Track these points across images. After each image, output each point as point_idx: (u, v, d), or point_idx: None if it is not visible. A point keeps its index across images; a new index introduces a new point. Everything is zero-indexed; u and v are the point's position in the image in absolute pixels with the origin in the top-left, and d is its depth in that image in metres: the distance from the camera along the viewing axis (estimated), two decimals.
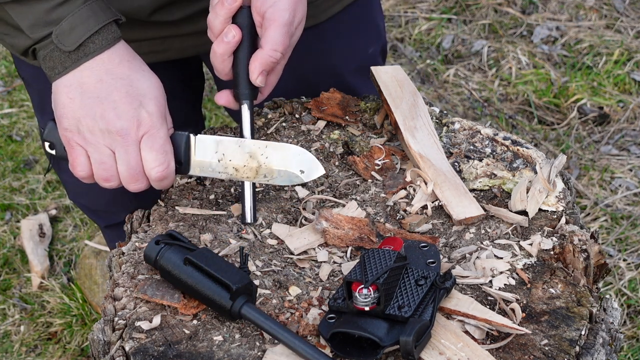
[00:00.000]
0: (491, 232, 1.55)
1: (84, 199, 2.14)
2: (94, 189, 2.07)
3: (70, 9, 1.48)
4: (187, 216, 1.57)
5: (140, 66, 1.54)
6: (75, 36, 1.49)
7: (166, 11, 1.73)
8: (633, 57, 3.61)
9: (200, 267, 1.38)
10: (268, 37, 1.51)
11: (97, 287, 2.81)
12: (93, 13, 1.49)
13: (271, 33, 1.51)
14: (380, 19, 2.02)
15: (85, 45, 1.50)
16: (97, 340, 1.39)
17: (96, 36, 1.50)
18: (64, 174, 2.09)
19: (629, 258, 2.87)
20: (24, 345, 2.75)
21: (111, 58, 1.51)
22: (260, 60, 1.52)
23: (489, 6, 3.93)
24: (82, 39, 1.49)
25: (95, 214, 2.19)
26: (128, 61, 1.52)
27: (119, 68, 1.52)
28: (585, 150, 3.29)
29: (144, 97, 1.51)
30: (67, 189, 2.16)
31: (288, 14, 1.51)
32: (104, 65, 1.51)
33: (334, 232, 1.54)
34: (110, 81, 1.51)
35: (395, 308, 1.33)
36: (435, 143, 1.68)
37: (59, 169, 2.06)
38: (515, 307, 1.38)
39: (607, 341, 1.38)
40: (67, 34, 1.49)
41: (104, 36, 1.50)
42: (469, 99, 3.54)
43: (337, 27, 1.89)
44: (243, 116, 1.58)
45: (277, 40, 1.51)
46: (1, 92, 3.71)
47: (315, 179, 1.63)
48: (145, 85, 1.52)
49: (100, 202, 2.10)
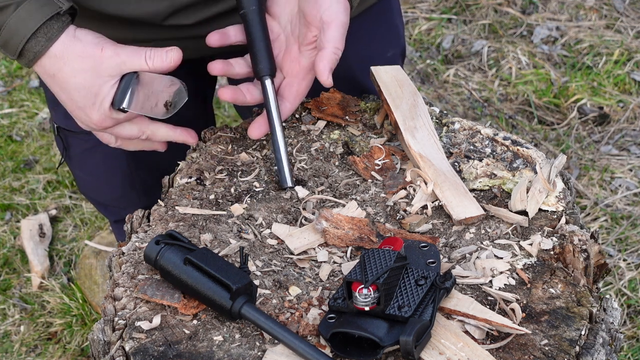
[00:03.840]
0: (491, 232, 1.55)
1: (94, 193, 2.15)
2: (103, 184, 2.09)
3: (2, 18, 1.48)
4: (187, 216, 1.57)
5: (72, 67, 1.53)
6: (12, 47, 1.50)
7: (181, 15, 1.73)
8: (633, 57, 3.61)
9: (200, 267, 1.38)
10: (329, 37, 1.57)
11: (97, 287, 2.81)
12: (21, 22, 1.49)
13: (332, 33, 1.57)
14: (400, 22, 2.03)
15: (23, 54, 1.51)
16: (97, 340, 1.39)
17: (29, 44, 1.50)
18: (75, 168, 2.10)
19: (629, 258, 2.87)
20: (24, 345, 2.75)
21: (45, 69, 1.53)
22: (328, 59, 1.57)
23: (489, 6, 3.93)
24: (18, 49, 1.50)
25: (105, 208, 2.21)
26: (60, 71, 1.53)
27: (55, 81, 1.54)
28: (585, 150, 3.29)
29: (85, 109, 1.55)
30: (78, 183, 2.18)
31: (344, 15, 1.58)
32: (45, 76, 1.55)
33: (334, 232, 1.54)
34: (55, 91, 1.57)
35: (395, 308, 1.33)
36: (435, 143, 1.68)
37: (70, 163, 2.07)
38: (515, 307, 1.38)
39: (607, 341, 1.38)
40: (6, 44, 1.51)
41: (34, 43, 1.50)
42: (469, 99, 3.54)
43: (355, 30, 1.90)
44: (267, 91, 1.63)
45: (338, 38, 1.57)
46: (1, 92, 3.71)
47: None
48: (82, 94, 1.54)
49: (109, 197, 2.12)
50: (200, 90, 2.08)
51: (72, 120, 1.94)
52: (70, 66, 1.52)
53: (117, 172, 2.02)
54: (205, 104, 2.13)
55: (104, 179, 2.06)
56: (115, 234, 2.36)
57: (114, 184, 2.05)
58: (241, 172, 1.68)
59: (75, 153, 2.03)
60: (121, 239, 2.24)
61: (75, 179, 2.20)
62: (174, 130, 1.65)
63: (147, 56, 1.54)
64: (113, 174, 2.03)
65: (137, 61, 1.54)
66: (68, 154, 2.04)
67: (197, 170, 1.67)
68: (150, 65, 1.55)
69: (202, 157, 1.70)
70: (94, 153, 1.99)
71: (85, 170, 2.06)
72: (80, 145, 1.99)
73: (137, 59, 1.54)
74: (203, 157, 1.71)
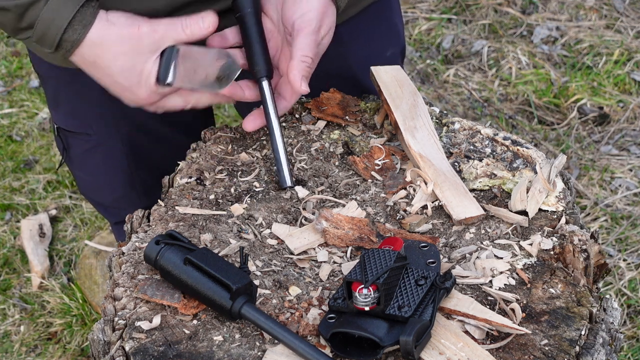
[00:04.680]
0: (491, 232, 1.55)
1: (94, 194, 2.15)
2: (103, 184, 2.08)
3: (36, 12, 1.48)
4: (187, 216, 1.57)
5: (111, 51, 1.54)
6: (50, 39, 1.50)
7: (181, 13, 1.72)
8: (633, 57, 3.61)
9: (200, 267, 1.38)
10: (298, 45, 1.57)
11: (97, 287, 2.81)
12: (55, 12, 1.48)
13: (300, 40, 1.57)
14: (399, 21, 2.02)
15: (61, 45, 1.51)
16: (97, 340, 1.39)
17: (66, 34, 1.49)
18: (75, 169, 2.10)
19: (629, 258, 2.87)
20: (24, 345, 2.75)
21: (84, 58, 1.53)
22: (297, 68, 1.57)
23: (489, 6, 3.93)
24: (56, 40, 1.49)
25: (105, 210, 2.21)
26: (99, 57, 1.53)
27: (96, 68, 1.55)
28: (585, 150, 3.29)
29: (131, 89, 1.56)
30: (78, 184, 2.17)
31: (315, 22, 1.57)
32: (85, 65, 1.56)
33: (334, 232, 1.54)
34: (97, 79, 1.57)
35: (395, 308, 1.33)
36: (435, 143, 1.68)
37: (70, 164, 2.07)
38: (515, 307, 1.38)
39: (607, 341, 1.38)
40: (43, 38, 1.50)
41: (71, 32, 1.50)
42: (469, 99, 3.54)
43: (354, 29, 1.90)
44: (264, 93, 1.63)
45: (305, 47, 1.57)
46: (1, 92, 3.71)
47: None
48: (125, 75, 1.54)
49: (109, 198, 2.11)
50: None
51: (72, 120, 1.94)
52: (110, 51, 1.52)
53: (118, 173, 2.02)
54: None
55: (104, 180, 2.05)
56: (115, 235, 2.36)
57: (114, 184, 2.05)
58: (241, 172, 1.68)
59: (75, 154, 2.03)
60: (121, 240, 2.24)
61: (75, 180, 2.20)
62: (215, 96, 1.66)
63: (184, 25, 1.55)
64: (113, 174, 2.03)
65: (174, 33, 1.55)
66: (68, 155, 2.04)
67: (197, 170, 1.67)
68: (188, 34, 1.55)
69: (202, 157, 1.70)
70: (94, 153, 1.99)
71: (85, 170, 2.06)
72: (81, 146, 1.99)
73: (174, 30, 1.54)
74: (203, 157, 1.71)
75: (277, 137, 1.64)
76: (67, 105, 1.94)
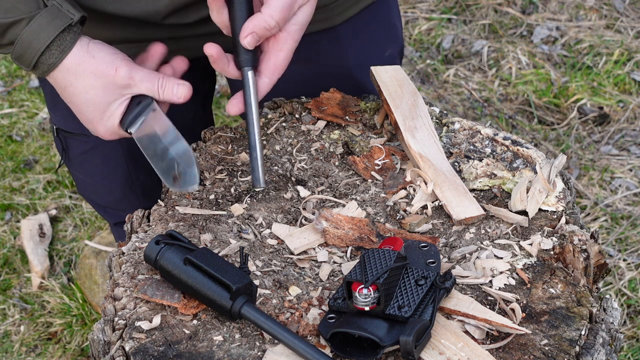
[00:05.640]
0: (491, 232, 1.55)
1: (93, 195, 2.15)
2: (102, 186, 2.08)
3: (17, 32, 1.49)
4: (187, 216, 1.57)
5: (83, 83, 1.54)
6: (26, 59, 1.51)
7: (181, 14, 1.72)
8: (633, 57, 3.61)
9: (200, 267, 1.38)
10: (268, 3, 1.50)
11: (97, 287, 2.81)
12: (34, 35, 1.49)
13: (272, 1, 1.50)
14: (397, 20, 2.01)
15: (37, 66, 1.52)
16: (97, 340, 1.39)
17: (43, 56, 1.51)
18: (75, 170, 2.10)
19: (629, 258, 2.87)
20: (24, 345, 2.75)
21: (57, 82, 1.55)
22: (254, 22, 1.50)
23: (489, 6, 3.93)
24: (33, 61, 1.50)
25: (105, 211, 2.20)
26: (71, 85, 1.54)
27: (66, 94, 1.56)
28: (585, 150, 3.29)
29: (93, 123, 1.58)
30: (77, 185, 2.17)
31: None
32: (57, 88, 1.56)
33: (334, 232, 1.54)
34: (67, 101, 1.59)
35: (395, 308, 1.33)
36: (435, 143, 1.68)
37: (69, 165, 2.07)
38: (515, 307, 1.38)
39: (607, 341, 1.38)
40: (21, 57, 1.51)
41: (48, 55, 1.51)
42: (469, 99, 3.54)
43: (353, 29, 1.89)
44: (246, 83, 1.56)
45: (276, 8, 1.49)
46: (1, 92, 3.71)
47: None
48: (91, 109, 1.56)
49: (108, 199, 2.11)
50: (200, 90, 2.08)
51: (71, 121, 1.94)
52: (82, 82, 1.53)
53: (117, 174, 2.02)
54: (204, 104, 2.13)
55: (103, 181, 2.05)
56: (115, 237, 2.36)
57: (113, 185, 2.05)
58: (241, 172, 1.68)
59: (74, 155, 2.03)
60: (121, 240, 2.24)
61: (74, 181, 2.20)
62: None
63: (160, 85, 1.55)
64: (112, 175, 2.03)
65: (149, 86, 1.55)
66: (67, 156, 2.04)
67: None
68: (160, 94, 1.55)
69: (202, 157, 1.70)
70: (94, 155, 1.99)
71: (84, 171, 2.06)
72: (80, 147, 1.99)
73: (149, 83, 1.55)
74: (203, 157, 1.71)
75: (254, 132, 1.56)
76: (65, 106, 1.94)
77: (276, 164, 1.70)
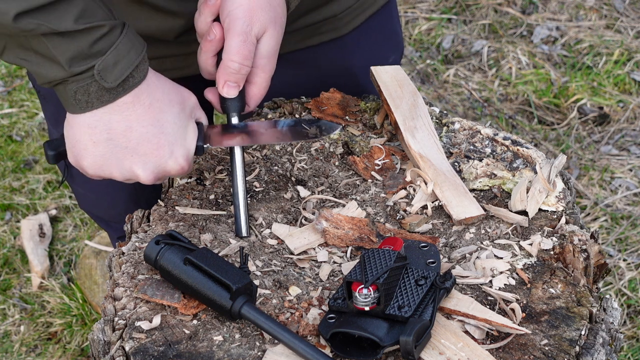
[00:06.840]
0: (491, 232, 1.55)
1: (95, 210, 2.14)
2: (105, 201, 2.06)
3: (112, 40, 1.38)
4: (187, 216, 1.57)
5: (168, 97, 1.47)
6: (118, 72, 1.39)
7: (193, 31, 1.69)
8: (633, 57, 3.61)
9: (200, 267, 1.38)
10: (226, 47, 1.49)
11: (97, 287, 2.81)
12: (132, 44, 1.41)
13: (228, 43, 1.48)
14: (398, 26, 2.03)
15: (126, 81, 1.41)
16: (97, 340, 1.39)
17: (136, 70, 1.41)
18: (76, 185, 2.09)
19: (629, 258, 2.87)
20: (24, 345, 2.75)
21: (140, 99, 1.43)
22: (221, 72, 1.50)
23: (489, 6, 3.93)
24: (125, 75, 1.40)
25: (108, 225, 2.19)
26: (158, 100, 1.45)
27: (150, 112, 1.44)
28: (585, 150, 3.29)
29: (174, 145, 1.47)
30: (78, 199, 2.15)
31: (242, 22, 1.47)
32: (134, 110, 1.43)
33: (334, 232, 1.54)
34: (141, 129, 1.43)
35: (395, 308, 1.33)
36: (435, 143, 1.68)
37: (71, 180, 2.06)
38: (515, 307, 1.38)
39: (607, 341, 1.38)
40: (110, 70, 1.38)
41: (141, 68, 1.42)
42: (469, 99, 3.54)
43: (359, 38, 1.90)
44: (232, 156, 1.56)
45: (233, 50, 1.47)
46: (1, 92, 3.71)
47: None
48: (175, 128, 1.47)
49: (111, 214, 2.10)
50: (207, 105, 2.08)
51: None
52: (167, 96, 1.46)
53: (123, 190, 1.98)
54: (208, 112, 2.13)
55: (108, 197, 2.03)
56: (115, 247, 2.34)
57: (117, 200, 2.02)
58: None
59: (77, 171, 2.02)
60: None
61: (75, 195, 2.17)
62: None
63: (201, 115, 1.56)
64: (119, 191, 2.00)
65: (202, 113, 1.55)
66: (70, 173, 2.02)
67: (197, 170, 1.67)
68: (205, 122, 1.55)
69: (202, 157, 1.70)
70: None
71: (88, 188, 2.04)
72: None
73: (201, 112, 1.54)
74: (203, 157, 1.71)
75: (238, 179, 1.55)
76: None
77: (276, 164, 1.70)
